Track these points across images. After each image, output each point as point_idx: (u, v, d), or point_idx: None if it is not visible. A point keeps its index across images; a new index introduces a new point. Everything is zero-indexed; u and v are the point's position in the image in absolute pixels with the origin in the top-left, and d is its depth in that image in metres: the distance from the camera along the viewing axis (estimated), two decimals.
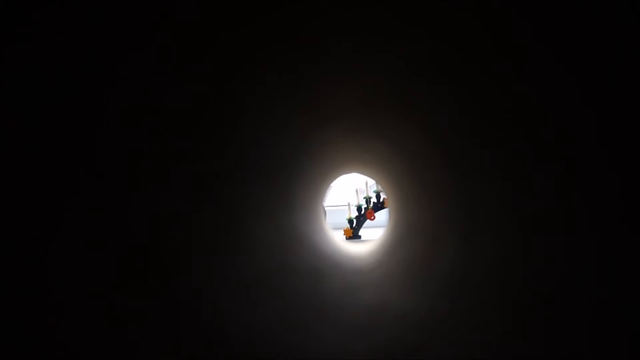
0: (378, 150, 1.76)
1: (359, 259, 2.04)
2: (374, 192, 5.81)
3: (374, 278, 1.77)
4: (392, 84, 1.10)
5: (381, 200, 5.73)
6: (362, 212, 5.83)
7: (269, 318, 1.27)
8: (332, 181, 2.17)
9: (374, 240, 2.29)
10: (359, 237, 5.71)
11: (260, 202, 1.46)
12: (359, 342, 1.30)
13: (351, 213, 5.86)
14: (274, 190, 1.57)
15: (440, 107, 1.11)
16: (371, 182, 5.82)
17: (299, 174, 1.71)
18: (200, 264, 1.14)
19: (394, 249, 1.92)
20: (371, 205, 5.80)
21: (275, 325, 1.26)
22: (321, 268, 1.76)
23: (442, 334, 1.23)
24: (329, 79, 1.10)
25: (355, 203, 5.87)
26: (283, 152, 1.46)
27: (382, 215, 5.51)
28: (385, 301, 1.54)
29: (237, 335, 1.16)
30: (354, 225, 5.78)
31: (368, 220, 5.82)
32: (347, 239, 5.62)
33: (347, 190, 6.81)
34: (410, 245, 1.81)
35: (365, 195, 5.88)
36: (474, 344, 1.12)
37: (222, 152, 1.18)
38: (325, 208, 4.57)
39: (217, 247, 1.22)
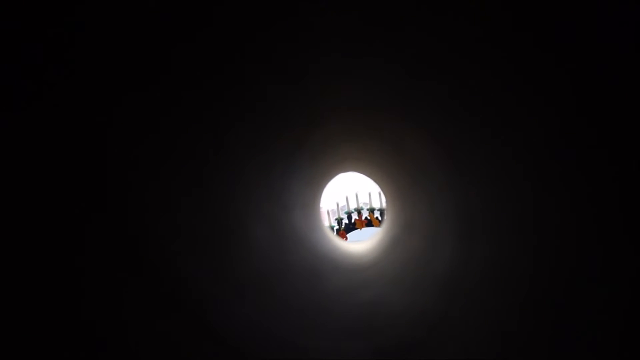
0: (375, 150, 1.77)
1: (356, 258, 2.04)
2: (345, 213, 5.90)
3: (371, 277, 1.76)
4: (388, 85, 1.10)
5: (352, 221, 5.81)
6: (335, 233, 5.90)
7: (269, 317, 1.26)
8: (330, 180, 2.17)
9: (371, 240, 2.30)
10: None
11: (259, 201, 1.45)
12: (357, 341, 1.30)
13: None
14: (273, 189, 1.56)
15: (438, 107, 1.11)
16: (342, 203, 5.93)
17: (297, 173, 1.70)
18: (199, 265, 1.13)
19: (391, 248, 1.92)
20: (343, 226, 5.88)
21: (275, 325, 1.25)
22: (319, 267, 1.75)
23: (439, 333, 1.23)
24: (327, 79, 1.10)
25: (327, 225, 5.93)
26: (281, 151, 1.45)
27: (353, 236, 5.62)
28: (382, 300, 1.53)
29: (237, 334, 1.16)
30: None
31: None
32: None
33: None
34: (406, 244, 1.81)
35: (337, 216, 5.96)
36: (471, 344, 1.13)
37: (219, 152, 1.18)
38: None
39: (216, 247, 1.22)
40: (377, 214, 5.59)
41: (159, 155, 0.99)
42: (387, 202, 2.30)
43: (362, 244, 2.41)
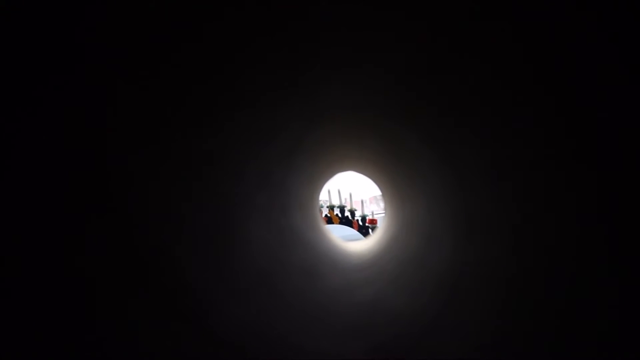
0: (373, 149, 1.76)
1: (355, 257, 2.04)
2: None
3: (370, 276, 1.77)
4: (388, 86, 1.11)
5: None
6: None
7: (269, 316, 1.27)
8: (328, 179, 2.17)
9: (369, 239, 2.30)
10: None
11: (257, 201, 1.46)
12: (356, 339, 1.31)
13: None
14: (272, 190, 1.56)
15: (437, 110, 1.12)
16: None
17: (296, 174, 1.71)
18: (199, 266, 1.14)
19: (389, 248, 1.92)
20: None
21: (274, 324, 1.25)
22: (318, 266, 1.76)
23: (437, 331, 1.24)
24: (327, 81, 1.10)
25: None
26: (281, 151, 1.46)
27: None
28: (380, 299, 1.54)
29: (237, 334, 1.16)
30: None
31: None
32: None
33: None
34: (404, 243, 1.82)
35: None
36: (468, 343, 1.14)
37: (219, 153, 1.18)
38: None
39: (215, 248, 1.22)
40: (337, 211, 5.54)
41: (159, 157, 0.99)
42: (384, 201, 2.30)
43: (360, 243, 2.41)
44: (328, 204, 5.90)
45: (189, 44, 0.86)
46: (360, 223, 5.57)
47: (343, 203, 5.67)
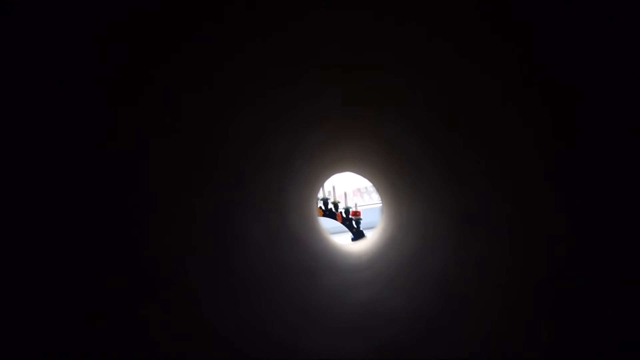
0: (372, 150, 1.77)
1: (352, 258, 2.04)
2: None
3: (367, 277, 1.77)
4: (386, 86, 1.11)
5: None
6: None
7: (268, 317, 1.27)
8: (325, 179, 2.17)
9: (367, 240, 2.30)
10: None
11: (254, 203, 1.45)
12: (354, 340, 1.30)
13: None
14: (268, 191, 1.56)
15: (435, 107, 1.12)
16: None
17: (292, 174, 1.70)
18: (197, 266, 1.13)
19: (387, 249, 1.92)
20: None
21: (273, 325, 1.25)
22: (316, 267, 1.75)
23: (434, 333, 1.24)
24: (325, 81, 1.10)
25: None
26: (277, 152, 1.45)
27: None
28: (378, 300, 1.54)
29: (236, 334, 1.16)
30: None
31: None
32: None
33: None
34: (402, 245, 1.82)
35: None
36: (466, 344, 1.13)
37: (216, 155, 1.17)
38: None
39: (215, 249, 1.22)
40: (320, 204, 5.43)
41: (161, 160, 0.99)
42: (382, 202, 2.31)
43: (358, 244, 2.41)
44: None
45: (188, 43, 0.85)
46: (344, 215, 5.49)
47: (326, 195, 5.54)
